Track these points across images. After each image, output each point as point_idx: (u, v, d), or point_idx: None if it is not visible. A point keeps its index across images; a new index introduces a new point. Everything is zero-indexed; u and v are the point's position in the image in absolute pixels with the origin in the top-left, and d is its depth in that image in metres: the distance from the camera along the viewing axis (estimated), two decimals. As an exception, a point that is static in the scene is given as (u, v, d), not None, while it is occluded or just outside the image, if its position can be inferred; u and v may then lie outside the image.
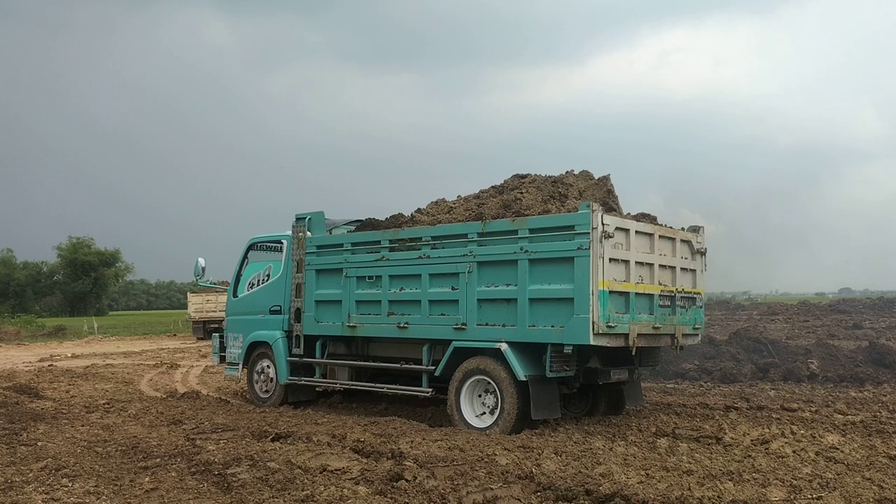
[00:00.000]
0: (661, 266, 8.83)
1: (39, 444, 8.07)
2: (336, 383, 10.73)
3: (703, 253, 9.60)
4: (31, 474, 6.72)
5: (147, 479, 6.43)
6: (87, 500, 5.89)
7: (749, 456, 7.11)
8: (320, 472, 6.40)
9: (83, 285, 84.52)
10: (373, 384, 10.34)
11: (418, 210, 10.46)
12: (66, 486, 6.28)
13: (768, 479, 6.14)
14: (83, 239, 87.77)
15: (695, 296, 9.42)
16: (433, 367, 9.23)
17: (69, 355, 23.13)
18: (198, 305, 32.74)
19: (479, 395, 8.81)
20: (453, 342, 8.93)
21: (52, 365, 18.77)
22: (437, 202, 10.56)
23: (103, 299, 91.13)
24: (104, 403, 11.38)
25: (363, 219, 11.18)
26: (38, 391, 12.64)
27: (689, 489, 5.76)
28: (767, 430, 8.40)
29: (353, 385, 10.54)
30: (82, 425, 9.25)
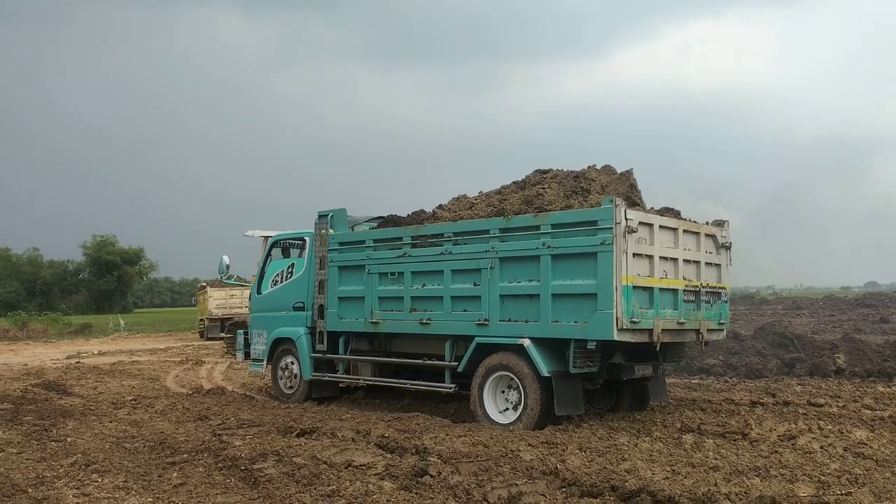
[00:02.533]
0: (685, 261, 8.76)
1: (69, 439, 8.19)
2: (359, 379, 10.78)
3: (727, 247, 9.52)
4: (61, 470, 6.83)
5: (175, 474, 6.51)
6: (117, 496, 5.97)
7: (776, 452, 7.05)
8: (345, 468, 6.44)
9: (108, 283, 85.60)
10: (396, 380, 10.37)
11: (440, 206, 10.46)
12: (96, 482, 6.38)
13: (796, 475, 6.09)
14: (106, 237, 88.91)
15: (720, 290, 9.34)
16: (456, 363, 9.24)
17: (96, 352, 23.44)
18: (220, 301, 30.17)
19: (503, 391, 8.81)
20: (476, 338, 8.94)
21: (79, 362, 19.02)
22: (458, 198, 10.55)
23: (128, 297, 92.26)
24: (131, 400, 11.52)
25: (385, 215, 11.21)
26: (67, 388, 12.82)
27: (716, 485, 5.72)
28: (794, 426, 8.33)
29: (376, 381, 10.58)
30: (110, 421, 9.38)
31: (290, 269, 11.81)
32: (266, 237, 19.82)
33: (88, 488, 6.19)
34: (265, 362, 11.85)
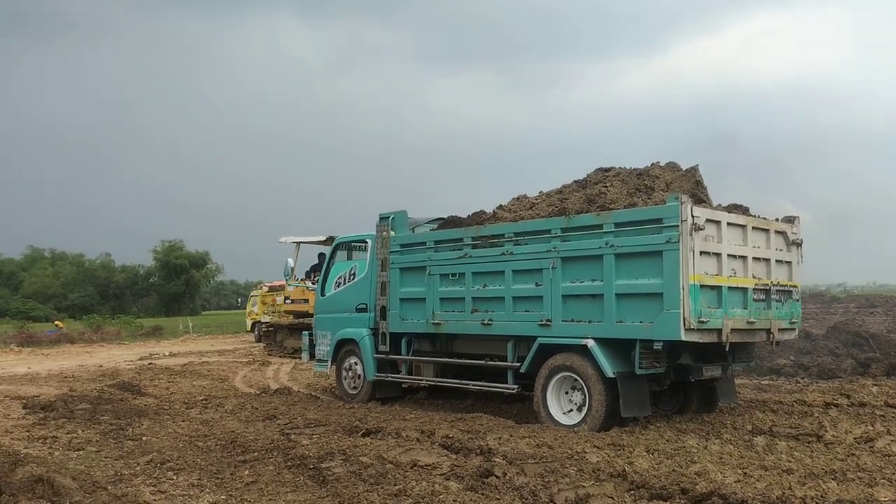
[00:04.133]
0: (754, 258, 8.55)
1: (144, 438, 8.47)
2: (422, 380, 10.85)
3: (798, 244, 9.25)
4: (138, 468, 7.07)
5: (246, 472, 6.67)
6: (192, 493, 6.15)
7: (853, 454, 6.82)
8: (411, 468, 6.48)
9: (176, 286, 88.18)
10: (458, 381, 10.39)
11: (500, 207, 10.45)
12: (172, 479, 6.59)
13: (875, 479, 5.88)
14: (174, 242, 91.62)
15: (791, 289, 9.08)
16: (518, 364, 9.21)
17: (167, 354, 24.14)
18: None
19: (566, 392, 8.74)
20: (538, 339, 8.89)
21: (151, 363, 19.60)
22: (518, 198, 10.52)
23: (196, 299, 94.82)
24: (202, 399, 11.84)
25: (445, 217, 11.26)
26: (141, 388, 13.22)
27: (790, 488, 5.57)
28: (871, 428, 8.03)
29: (438, 382, 10.63)
30: (183, 420, 9.66)
31: (352, 272, 11.97)
32: (298, 242, 20.28)
33: (164, 486, 6.39)
34: (330, 363, 12.03)
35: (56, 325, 40.90)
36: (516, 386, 9.34)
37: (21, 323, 43.94)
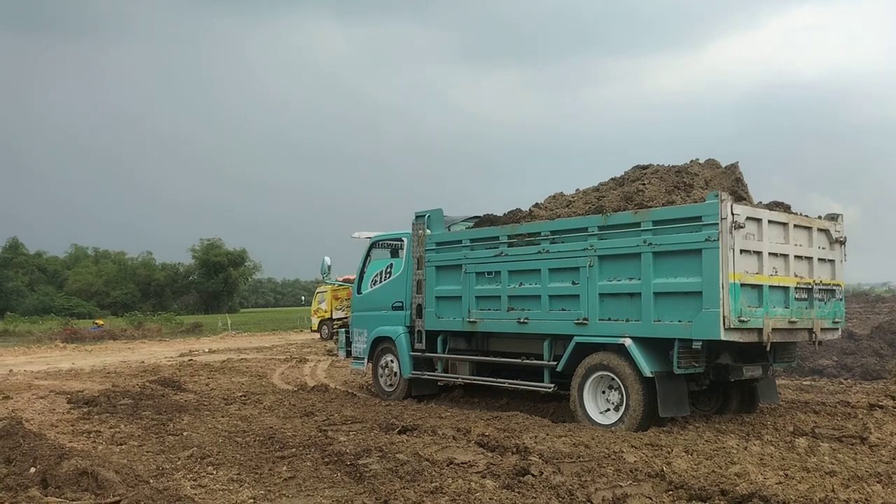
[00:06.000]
0: (796, 257, 8.40)
1: (185, 433, 8.61)
2: (458, 378, 10.86)
3: (842, 242, 9.06)
4: (179, 462, 7.19)
5: (284, 468, 6.74)
6: (231, 487, 6.23)
7: (899, 458, 6.66)
8: (447, 465, 6.50)
9: (215, 284, 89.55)
10: (494, 379, 10.38)
11: (536, 205, 10.41)
12: (212, 474, 6.68)
13: (923, 483, 5.73)
14: (213, 240, 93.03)
15: (834, 288, 8.90)
16: (555, 363, 9.17)
17: (206, 350, 24.53)
18: None
19: (603, 392, 8.68)
20: (575, 337, 8.84)
21: (191, 360, 19.95)
22: (555, 196, 10.47)
23: (234, 297, 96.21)
24: (241, 396, 11.99)
25: (481, 215, 11.25)
26: (181, 384, 13.44)
27: (833, 491, 5.46)
28: (919, 431, 7.83)
29: (474, 380, 10.64)
30: (222, 416, 9.79)
31: (388, 270, 12.02)
32: (371, 238, 20.22)
33: (205, 480, 6.49)
34: (366, 360, 12.11)
35: (96, 323, 41.86)
36: (552, 385, 9.30)
37: (65, 319, 45.08)
